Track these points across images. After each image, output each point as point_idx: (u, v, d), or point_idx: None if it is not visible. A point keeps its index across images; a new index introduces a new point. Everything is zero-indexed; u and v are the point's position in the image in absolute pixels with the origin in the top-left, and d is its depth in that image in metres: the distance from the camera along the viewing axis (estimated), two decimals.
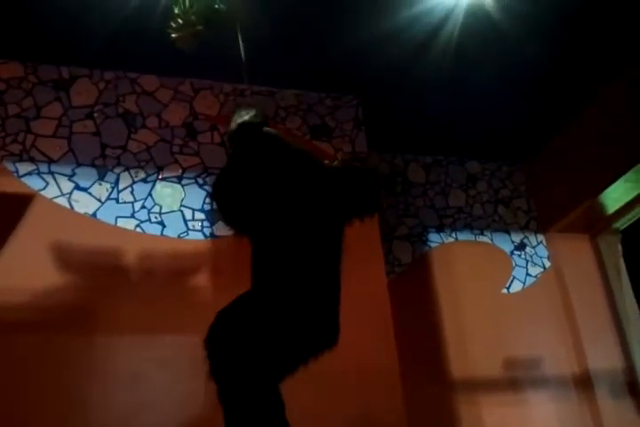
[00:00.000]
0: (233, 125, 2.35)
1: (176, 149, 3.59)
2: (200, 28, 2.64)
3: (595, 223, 4.62)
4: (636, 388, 4.20)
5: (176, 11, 2.63)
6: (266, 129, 2.34)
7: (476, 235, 4.54)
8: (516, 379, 4.07)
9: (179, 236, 3.37)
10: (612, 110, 4.06)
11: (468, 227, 4.54)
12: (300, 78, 3.90)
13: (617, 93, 4.02)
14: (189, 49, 2.70)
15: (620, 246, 4.65)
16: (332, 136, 3.91)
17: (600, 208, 4.45)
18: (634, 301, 4.48)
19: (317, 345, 2.04)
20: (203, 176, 3.55)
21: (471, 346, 4.09)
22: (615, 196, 4.27)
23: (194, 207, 3.46)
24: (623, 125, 3.96)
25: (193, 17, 2.62)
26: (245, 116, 2.34)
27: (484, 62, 3.77)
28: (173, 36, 2.66)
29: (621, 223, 4.58)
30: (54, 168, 3.34)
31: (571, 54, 3.76)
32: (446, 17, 3.41)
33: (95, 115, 3.52)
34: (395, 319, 3.48)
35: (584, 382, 4.18)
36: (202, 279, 3.24)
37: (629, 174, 3.99)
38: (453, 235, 4.48)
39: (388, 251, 4.18)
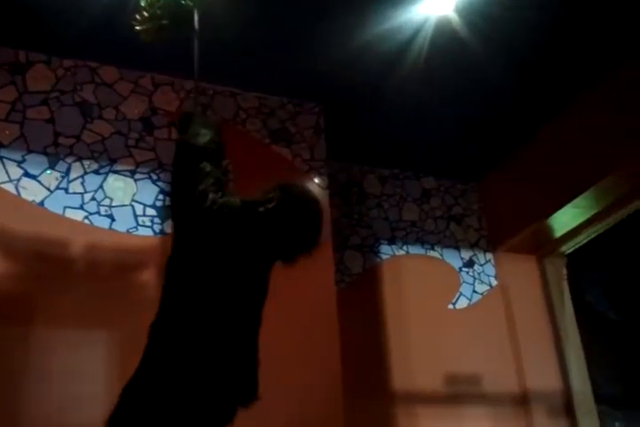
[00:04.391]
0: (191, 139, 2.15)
1: (131, 142, 3.51)
2: (165, 22, 2.59)
3: (542, 246, 4.70)
4: (572, 408, 4.27)
5: (142, 3, 2.59)
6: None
7: (426, 249, 4.56)
8: (456, 394, 4.09)
9: (127, 231, 3.29)
10: (567, 135, 4.14)
11: (420, 241, 4.57)
12: (265, 82, 3.88)
13: (572, 119, 4.10)
14: (154, 42, 2.66)
15: (564, 270, 4.75)
16: (291, 141, 3.89)
17: (548, 231, 4.53)
18: (575, 323, 4.57)
19: (234, 405, 1.86)
20: (157, 172, 3.48)
21: (414, 359, 4.09)
22: (563, 220, 4.36)
23: (145, 203, 3.38)
24: (576, 152, 4.04)
25: (159, 11, 2.58)
26: (200, 137, 2.15)
27: (450, 80, 3.83)
28: (138, 28, 2.61)
29: (568, 247, 4.68)
30: (3, 153, 3.22)
31: (532, 75, 3.82)
32: (415, 34, 3.45)
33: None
34: (341, 329, 3.45)
35: (522, 401, 4.23)
36: (148, 276, 3.15)
37: (578, 200, 4.08)
38: (405, 248, 4.50)
39: (340, 260, 4.16)
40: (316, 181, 3.85)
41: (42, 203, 3.19)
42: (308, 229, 2.01)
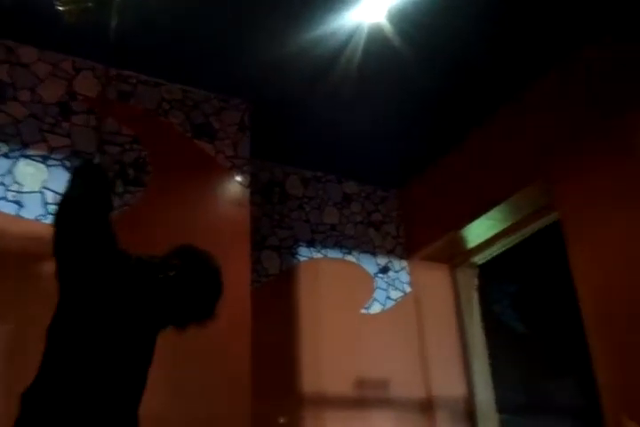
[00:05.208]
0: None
1: (46, 127, 3.36)
2: (90, 4, 2.50)
3: (455, 255, 4.80)
4: (474, 416, 4.37)
5: None
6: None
7: (344, 254, 4.58)
8: (363, 398, 4.11)
9: (36, 218, 3.14)
10: (487, 146, 4.23)
11: (338, 245, 4.58)
12: (191, 74, 3.80)
13: (494, 130, 4.17)
14: (77, 24, 2.56)
15: (476, 280, 4.85)
16: (215, 137, 3.82)
17: (462, 241, 4.63)
18: (482, 333, 4.67)
19: None
20: (71, 159, 3.34)
21: (325, 361, 4.09)
22: (477, 231, 4.46)
23: (56, 190, 3.22)
24: (493, 163, 4.14)
25: None
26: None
27: (380, 86, 3.85)
28: (60, 8, 2.50)
29: (480, 258, 4.78)
30: None
31: (459, 84, 3.87)
32: (347, 40, 3.45)
33: None
34: (254, 328, 3.40)
35: (427, 407, 4.29)
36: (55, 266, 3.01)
37: (492, 212, 4.17)
38: (323, 251, 4.50)
39: (257, 260, 4.12)
40: (238, 178, 3.79)
41: None
42: (205, 300, 2.02)
